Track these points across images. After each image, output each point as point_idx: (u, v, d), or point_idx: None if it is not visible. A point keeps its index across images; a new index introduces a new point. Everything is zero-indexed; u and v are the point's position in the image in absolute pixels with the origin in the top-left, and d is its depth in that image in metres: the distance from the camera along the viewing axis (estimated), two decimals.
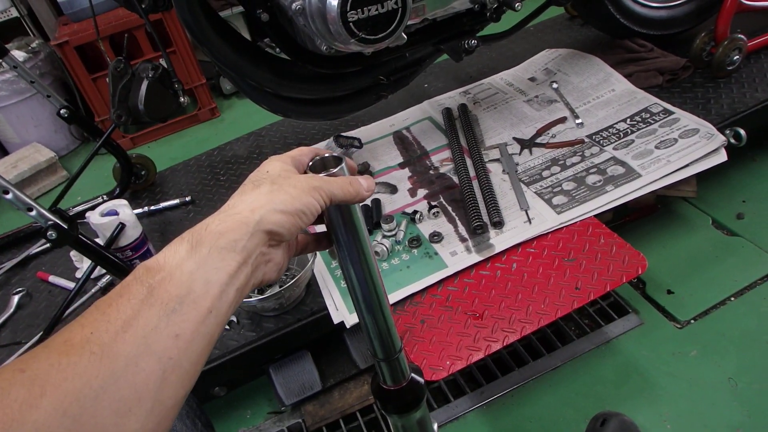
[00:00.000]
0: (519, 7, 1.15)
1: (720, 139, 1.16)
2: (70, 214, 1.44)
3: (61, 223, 1.03)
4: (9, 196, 1.13)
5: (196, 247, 0.39)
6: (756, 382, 0.98)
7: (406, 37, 1.00)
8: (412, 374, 0.63)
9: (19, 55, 2.16)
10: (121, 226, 1.05)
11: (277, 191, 0.42)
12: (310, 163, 0.48)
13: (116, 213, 1.08)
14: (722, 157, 1.15)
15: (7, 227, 1.51)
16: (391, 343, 0.57)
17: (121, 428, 0.32)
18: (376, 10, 0.89)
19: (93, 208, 1.18)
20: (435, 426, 0.71)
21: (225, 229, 0.40)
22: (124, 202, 1.11)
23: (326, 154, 0.49)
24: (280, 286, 1.04)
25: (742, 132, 1.15)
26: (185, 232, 0.40)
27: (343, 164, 0.47)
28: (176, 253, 0.39)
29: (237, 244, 0.39)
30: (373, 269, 0.52)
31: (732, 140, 1.16)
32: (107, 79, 1.36)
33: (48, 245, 1.28)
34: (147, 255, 1.10)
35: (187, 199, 1.44)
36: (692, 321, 1.12)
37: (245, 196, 0.42)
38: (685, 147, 1.17)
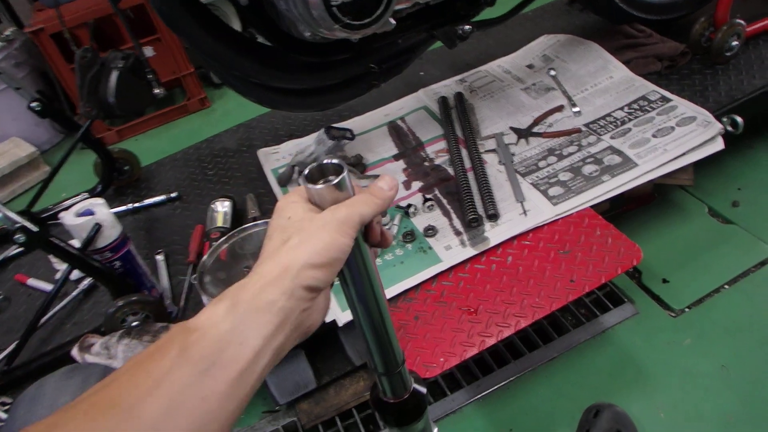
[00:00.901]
0: None
1: (717, 127, 1.19)
2: (48, 213, 1.40)
3: (29, 226, 1.00)
4: None
5: (233, 307, 0.39)
6: (749, 370, 1.03)
7: (394, 22, 0.97)
8: (414, 385, 0.62)
9: None
10: (98, 227, 1.01)
11: (308, 241, 0.42)
12: (306, 172, 0.45)
13: (92, 213, 1.03)
14: (719, 145, 1.18)
15: None
16: (393, 356, 0.56)
17: None
18: None
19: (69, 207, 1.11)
20: (435, 430, 0.72)
21: (260, 290, 0.40)
22: (100, 200, 1.06)
23: (324, 161, 0.46)
24: None
25: (739, 120, 1.18)
26: (226, 290, 0.42)
27: (345, 173, 0.44)
28: (214, 312, 0.40)
29: (273, 305, 0.40)
30: (375, 282, 0.50)
31: (729, 128, 1.19)
32: (75, 70, 1.27)
33: None
34: (128, 256, 1.08)
35: (174, 195, 1.43)
36: (686, 309, 1.16)
37: (274, 253, 0.42)
38: (682, 135, 1.21)
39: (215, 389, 0.37)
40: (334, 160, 0.45)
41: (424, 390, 0.63)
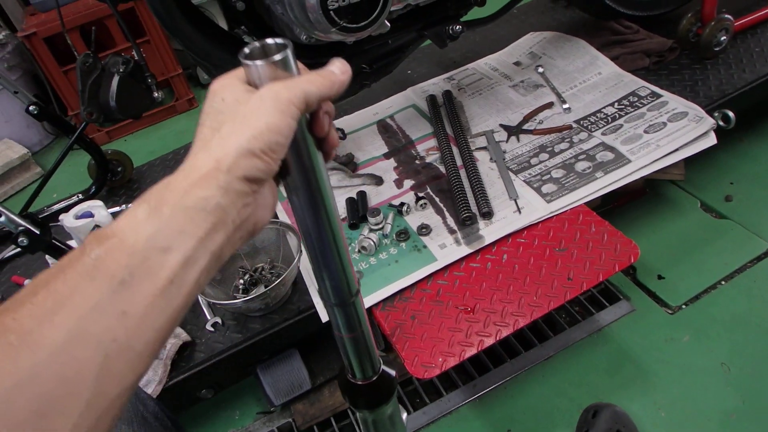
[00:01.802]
0: None
1: (709, 122, 1.12)
2: (44, 215, 1.37)
3: (32, 229, 0.98)
4: None
5: (156, 208, 0.32)
6: (748, 366, 0.96)
7: (389, 24, 0.94)
8: (383, 367, 0.58)
9: None
10: (97, 229, 0.99)
11: (243, 125, 0.34)
12: (246, 50, 0.37)
13: (91, 215, 1.03)
14: (711, 140, 1.11)
15: None
16: (345, 282, 0.49)
17: (45, 431, 0.27)
18: None
19: (67, 209, 1.11)
20: (404, 415, 0.67)
21: (191, 186, 0.32)
22: (99, 203, 1.05)
23: (268, 40, 0.38)
24: (266, 286, 0.99)
25: (731, 114, 1.11)
26: (148, 190, 0.33)
27: (289, 50, 0.36)
28: (133, 217, 0.32)
29: (207, 203, 0.32)
30: (324, 188, 0.42)
31: (721, 123, 1.13)
32: (76, 75, 1.27)
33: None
34: None
35: None
36: (684, 306, 1.09)
37: (206, 143, 0.35)
38: (674, 131, 1.13)
39: (136, 304, 0.30)
40: (279, 40, 0.37)
41: (393, 372, 0.58)
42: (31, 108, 1.32)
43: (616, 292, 1.14)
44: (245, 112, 0.34)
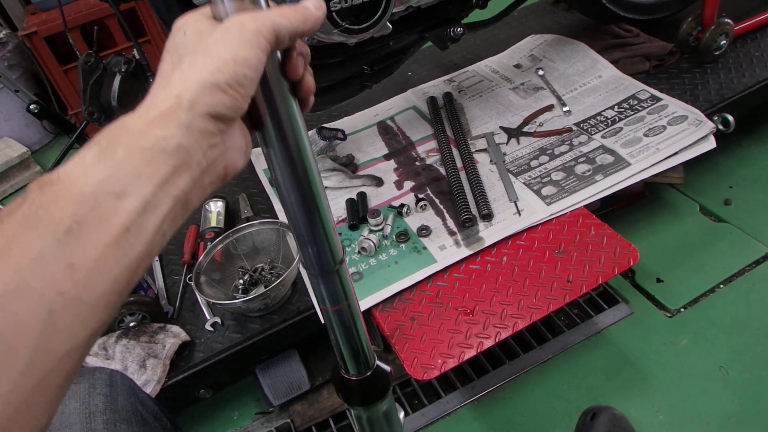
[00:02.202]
0: None
1: (709, 125, 1.12)
2: None
3: None
4: None
5: (107, 150, 0.29)
6: (747, 370, 0.96)
7: (391, 26, 0.93)
8: (378, 362, 0.55)
9: None
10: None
11: (206, 57, 0.31)
12: None
13: None
14: (711, 144, 1.11)
15: None
16: (328, 249, 0.45)
17: None
18: None
19: None
20: (401, 415, 0.65)
21: (147, 124, 0.29)
22: None
23: None
24: (266, 287, 0.99)
25: (731, 118, 1.11)
26: (100, 131, 0.30)
27: None
28: (81, 160, 0.29)
29: (167, 143, 0.29)
30: (302, 140, 0.39)
31: (720, 126, 1.13)
32: (78, 74, 1.27)
33: None
34: None
35: None
36: (682, 309, 1.09)
37: (166, 80, 0.32)
38: (673, 134, 1.13)
39: (85, 254, 0.27)
40: None
41: (387, 368, 0.56)
42: (31, 107, 1.32)
43: (615, 295, 1.14)
44: (208, 43, 0.32)
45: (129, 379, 0.67)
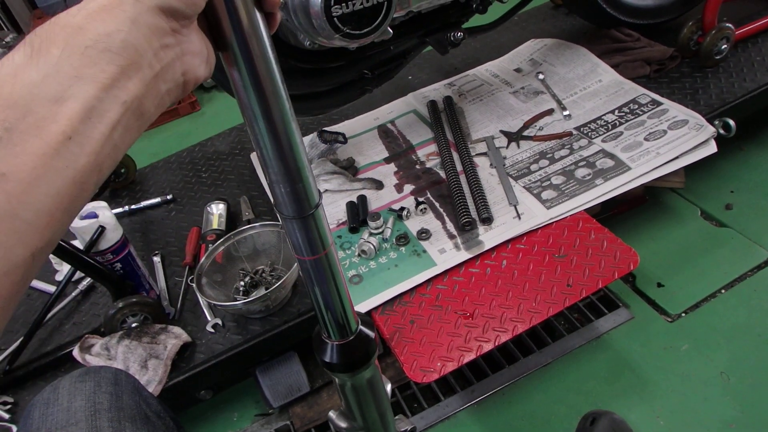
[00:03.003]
0: None
1: (710, 130, 1.11)
2: None
3: None
4: None
5: (41, 49, 0.25)
6: (748, 376, 0.95)
7: (391, 31, 0.94)
8: (361, 327, 0.52)
9: None
10: (101, 229, 0.98)
11: None
12: None
13: (95, 215, 1.02)
14: (712, 148, 1.10)
15: None
16: (303, 190, 0.42)
17: None
18: (362, 4, 0.82)
19: None
20: (388, 387, 0.62)
21: (87, 19, 0.26)
22: (103, 204, 1.04)
23: None
24: (266, 289, 0.99)
25: (732, 122, 1.11)
26: (29, 33, 0.27)
27: None
28: (10, 62, 0.26)
29: (112, 38, 0.26)
30: (273, 73, 0.36)
31: (721, 131, 1.12)
32: None
33: None
34: (128, 258, 1.03)
35: (169, 197, 1.36)
36: (683, 314, 1.08)
37: None
38: (674, 138, 1.13)
39: (19, 165, 0.24)
40: None
41: (372, 333, 0.53)
42: None
43: (615, 300, 1.13)
44: None
45: (133, 378, 0.68)
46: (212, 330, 1.00)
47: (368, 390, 0.57)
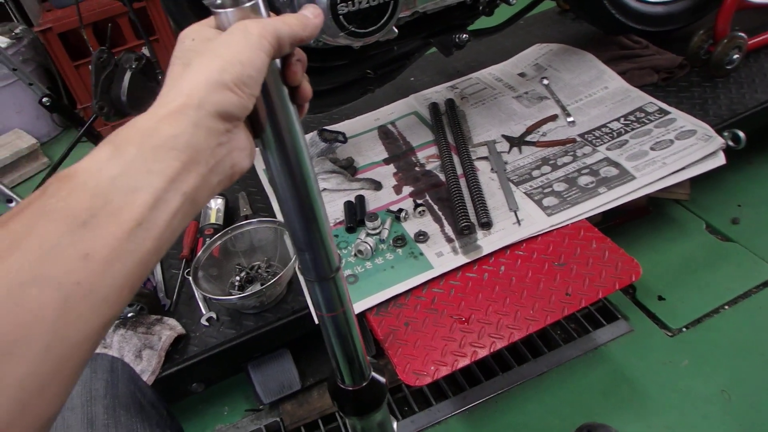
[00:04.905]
0: (514, 1, 1.08)
1: (718, 141, 1.09)
2: None
3: None
4: None
5: (120, 147, 0.30)
6: (750, 395, 0.92)
7: (396, 31, 0.93)
8: (373, 374, 0.56)
9: (1, 40, 2.07)
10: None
11: (213, 58, 0.33)
12: (218, 0, 0.36)
13: None
14: (720, 160, 1.08)
15: None
16: (325, 257, 0.47)
17: None
18: (368, 2, 0.82)
19: None
20: (395, 425, 0.66)
21: (158, 123, 0.31)
22: None
23: None
24: (262, 284, 0.98)
25: (741, 134, 1.08)
26: (114, 132, 0.31)
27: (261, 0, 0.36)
28: (96, 158, 0.30)
29: (176, 140, 0.31)
30: (300, 146, 0.41)
31: (730, 143, 1.09)
32: (90, 69, 1.29)
33: None
34: None
35: None
36: (684, 329, 1.05)
37: (176, 81, 0.33)
38: (681, 149, 1.10)
39: (100, 247, 0.28)
40: None
41: (383, 379, 0.57)
42: (44, 99, 1.35)
43: (615, 312, 1.11)
44: (215, 46, 0.33)
45: (129, 367, 0.68)
46: (206, 323, 1.00)
47: (378, 431, 0.60)
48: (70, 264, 0.27)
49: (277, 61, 0.38)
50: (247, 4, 0.35)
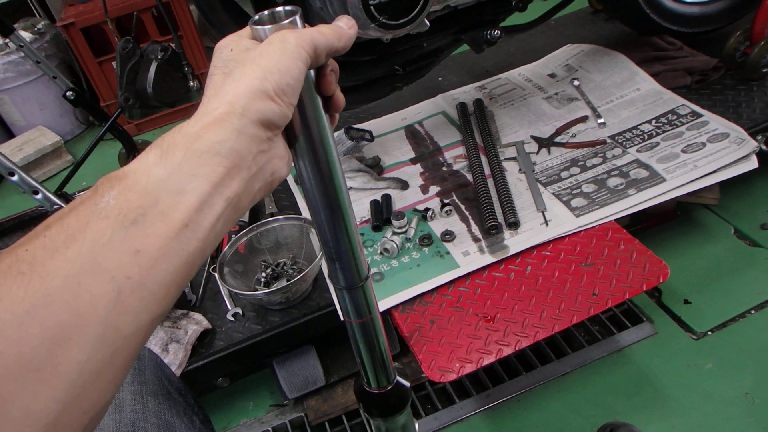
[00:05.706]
0: None
1: (751, 144, 1.12)
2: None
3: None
4: (15, 178, 1.14)
5: (167, 152, 0.33)
6: None
7: (428, 23, 0.94)
8: (398, 378, 0.61)
9: (25, 35, 2.13)
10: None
11: (254, 67, 0.35)
12: (256, 17, 0.39)
13: None
14: (753, 164, 1.11)
15: (11, 210, 1.50)
16: (354, 264, 0.49)
17: (59, 358, 0.27)
18: None
19: None
20: (416, 425, 0.70)
21: (203, 129, 0.33)
22: None
23: (278, 8, 0.40)
24: (288, 280, 1.04)
25: None
26: (160, 136, 0.34)
27: (298, 16, 0.38)
28: (145, 160, 0.33)
29: (221, 146, 0.33)
30: (332, 155, 0.43)
31: (764, 146, 1.13)
32: (114, 62, 1.33)
33: None
34: None
35: None
36: (709, 333, 1.10)
37: (218, 89, 0.36)
38: (713, 152, 1.14)
39: (149, 244, 0.30)
40: (288, 7, 0.40)
41: (407, 384, 0.61)
42: (68, 93, 1.38)
43: (640, 314, 1.15)
44: (254, 56, 0.36)
45: (155, 355, 0.72)
46: (232, 318, 1.05)
47: None
48: (123, 259, 0.30)
49: (312, 72, 0.40)
50: (285, 23, 0.38)
